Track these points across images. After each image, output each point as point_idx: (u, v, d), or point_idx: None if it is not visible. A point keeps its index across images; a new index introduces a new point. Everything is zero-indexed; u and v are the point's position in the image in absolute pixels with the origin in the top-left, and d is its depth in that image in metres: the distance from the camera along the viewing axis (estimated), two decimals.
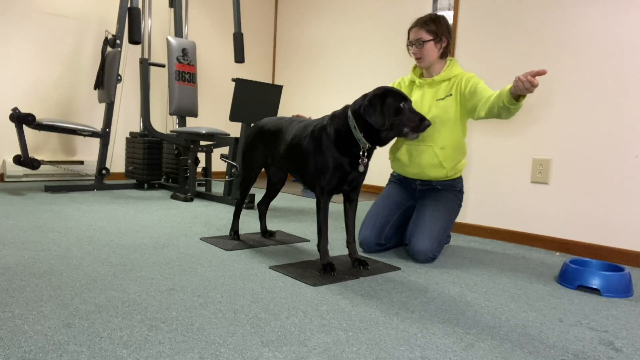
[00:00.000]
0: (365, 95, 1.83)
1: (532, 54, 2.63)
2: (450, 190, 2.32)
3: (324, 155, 1.87)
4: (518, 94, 1.81)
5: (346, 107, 1.90)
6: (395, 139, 2.37)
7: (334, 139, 1.86)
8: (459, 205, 2.36)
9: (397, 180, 2.46)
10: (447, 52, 2.27)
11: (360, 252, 2.23)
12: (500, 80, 2.71)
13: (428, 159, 2.25)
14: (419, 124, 1.81)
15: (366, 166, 1.91)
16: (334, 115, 1.91)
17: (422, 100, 2.27)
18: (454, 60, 2.28)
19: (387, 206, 2.36)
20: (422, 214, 2.23)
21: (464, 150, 2.32)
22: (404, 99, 1.82)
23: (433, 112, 2.22)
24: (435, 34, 2.20)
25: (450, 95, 2.21)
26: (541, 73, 1.72)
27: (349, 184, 1.95)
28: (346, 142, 1.85)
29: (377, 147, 1.91)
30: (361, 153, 1.86)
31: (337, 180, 1.89)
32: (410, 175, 2.36)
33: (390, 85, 2.35)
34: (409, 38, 2.27)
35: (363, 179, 1.99)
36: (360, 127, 1.82)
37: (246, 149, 2.32)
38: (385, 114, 1.77)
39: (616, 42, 2.36)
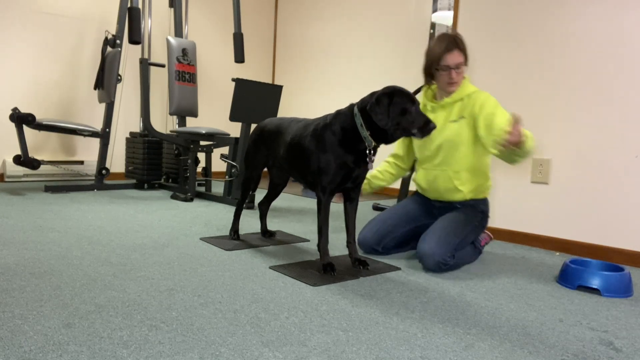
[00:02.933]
0: (373, 94, 1.82)
1: (532, 53, 2.63)
2: (469, 208, 2.20)
3: (327, 154, 1.86)
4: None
5: (352, 105, 1.89)
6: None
7: (339, 137, 1.85)
8: (480, 225, 2.19)
9: (419, 196, 2.37)
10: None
11: (360, 252, 2.23)
12: (500, 81, 2.72)
13: (443, 183, 2.18)
14: (424, 126, 1.79)
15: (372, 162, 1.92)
16: (339, 113, 1.90)
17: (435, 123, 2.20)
18: (466, 78, 2.17)
19: (398, 217, 2.28)
20: (437, 223, 2.14)
21: (483, 172, 2.19)
22: (412, 100, 1.79)
23: (445, 135, 2.13)
24: (465, 54, 2.08)
25: (463, 117, 2.11)
26: (517, 122, 1.69)
27: (353, 181, 1.95)
28: (351, 140, 1.85)
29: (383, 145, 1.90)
30: (367, 152, 1.85)
31: (340, 179, 1.89)
32: (430, 197, 2.29)
33: None
34: (441, 62, 2.05)
35: (365, 174, 1.99)
36: (367, 125, 1.81)
37: (248, 149, 2.32)
38: (391, 114, 1.76)
39: (617, 41, 2.36)
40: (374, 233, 2.25)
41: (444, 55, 2.05)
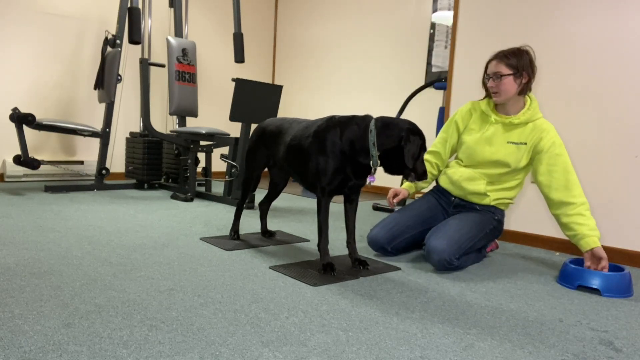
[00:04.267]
0: (397, 123, 1.82)
1: None
2: (487, 213, 2.20)
3: (327, 157, 1.85)
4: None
5: (367, 117, 1.86)
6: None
7: (345, 146, 1.84)
8: (493, 231, 2.19)
9: (437, 192, 2.35)
10: (526, 89, 2.10)
11: (369, 250, 2.23)
12: None
13: (476, 186, 2.17)
14: (421, 174, 1.85)
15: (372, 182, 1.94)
16: (353, 121, 1.86)
17: (492, 139, 2.15)
18: (535, 102, 2.13)
19: (411, 218, 2.26)
20: (452, 220, 2.13)
21: (518, 189, 2.22)
22: (425, 148, 1.86)
23: (500, 155, 2.12)
24: (515, 68, 2.05)
25: (525, 144, 2.10)
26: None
27: (349, 188, 1.96)
28: (357, 152, 1.84)
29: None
30: (372, 171, 1.87)
31: (338, 183, 1.89)
32: (453, 194, 2.27)
33: (458, 114, 2.28)
34: (486, 71, 2.13)
35: (361, 187, 2.00)
36: (378, 146, 1.81)
37: (249, 149, 2.32)
38: (415, 155, 1.82)
39: (616, 42, 2.36)
40: (387, 232, 2.22)
41: (487, 64, 2.13)
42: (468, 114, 2.27)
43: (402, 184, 2.41)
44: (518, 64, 2.05)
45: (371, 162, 1.83)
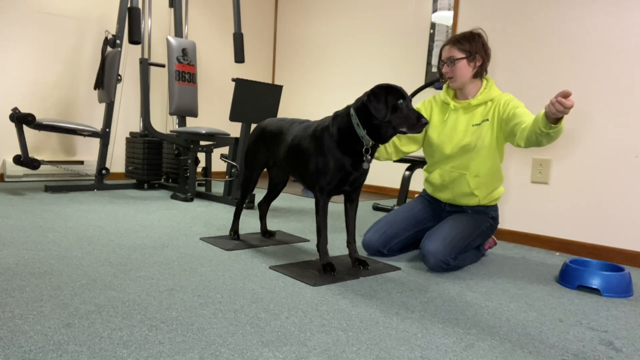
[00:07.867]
0: (366, 93, 1.83)
1: (532, 53, 2.63)
2: (480, 214, 2.19)
3: (325, 156, 1.86)
4: (553, 117, 1.66)
5: (348, 107, 1.90)
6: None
7: (337, 139, 1.86)
8: (489, 229, 2.19)
9: (428, 197, 2.34)
10: (482, 72, 2.11)
11: (364, 254, 2.23)
12: (498, 81, 2.72)
13: (460, 187, 2.15)
14: (416, 122, 1.79)
15: (369, 163, 1.91)
16: (337, 115, 1.91)
17: (456, 125, 2.14)
18: (491, 82, 2.13)
19: (405, 220, 2.25)
20: (445, 222, 2.13)
21: (500, 177, 2.18)
22: (403, 96, 1.80)
23: (468, 139, 2.10)
24: (468, 52, 2.06)
25: (487, 120, 2.08)
26: (567, 94, 1.58)
27: (351, 184, 1.95)
28: (349, 141, 1.85)
29: (380, 145, 1.90)
30: (364, 150, 1.85)
31: (337, 181, 1.89)
32: (442, 199, 2.27)
33: (420, 104, 2.28)
34: (440, 57, 2.14)
35: (365, 178, 1.98)
36: (363, 124, 1.82)
37: (248, 150, 2.32)
38: (388, 107, 1.77)
39: (616, 42, 2.36)
40: (380, 235, 2.21)
41: (441, 50, 2.15)
42: (429, 103, 2.26)
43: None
44: (471, 47, 2.06)
45: (364, 142, 1.84)
